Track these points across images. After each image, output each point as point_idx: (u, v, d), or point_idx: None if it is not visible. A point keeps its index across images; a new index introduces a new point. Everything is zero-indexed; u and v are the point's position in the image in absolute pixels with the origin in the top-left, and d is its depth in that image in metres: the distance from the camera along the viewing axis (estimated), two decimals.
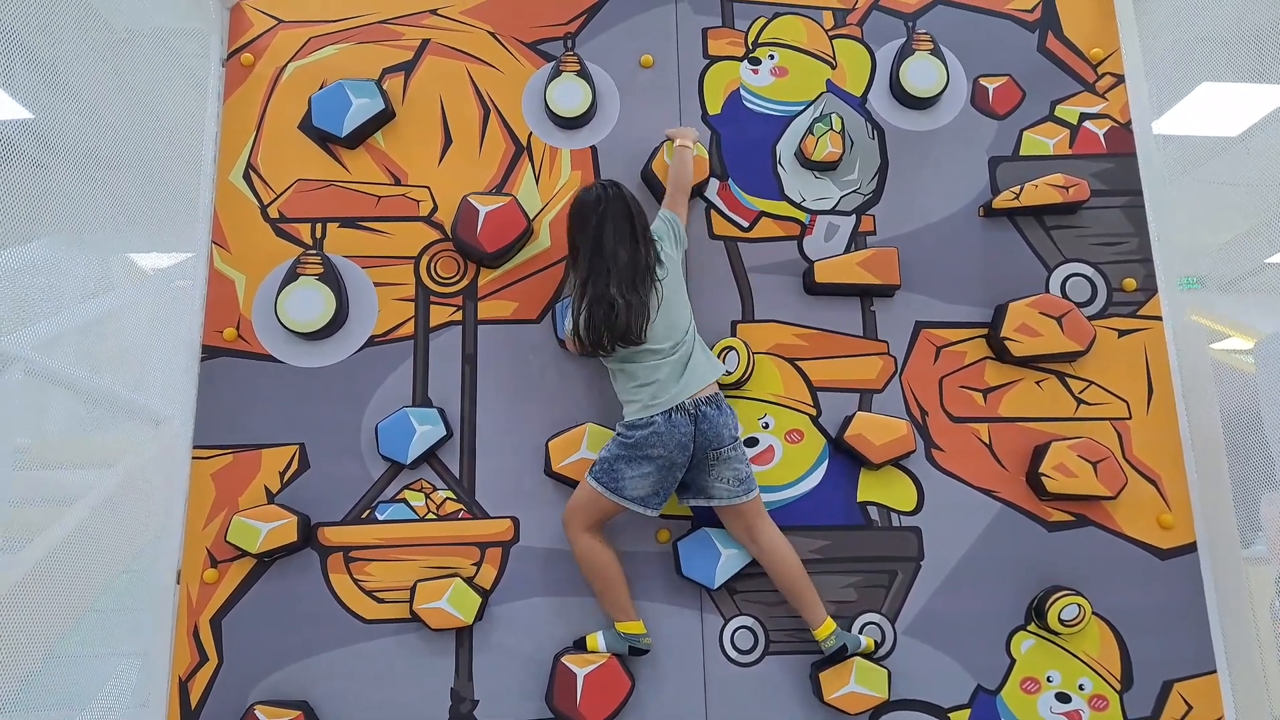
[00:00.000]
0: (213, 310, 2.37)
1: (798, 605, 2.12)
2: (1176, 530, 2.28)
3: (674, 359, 2.06)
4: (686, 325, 2.11)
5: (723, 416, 2.06)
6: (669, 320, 2.09)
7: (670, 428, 2.01)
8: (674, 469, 2.05)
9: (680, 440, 2.02)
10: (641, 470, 2.04)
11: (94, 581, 2.47)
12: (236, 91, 2.49)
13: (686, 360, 2.07)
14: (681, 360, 2.06)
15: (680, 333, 2.09)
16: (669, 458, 2.03)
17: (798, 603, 2.12)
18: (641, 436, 2.03)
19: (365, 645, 2.19)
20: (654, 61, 2.53)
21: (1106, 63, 2.54)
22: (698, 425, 2.03)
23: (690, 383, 2.05)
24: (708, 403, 2.05)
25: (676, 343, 2.08)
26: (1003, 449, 2.33)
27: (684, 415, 2.02)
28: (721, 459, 2.06)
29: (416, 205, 2.44)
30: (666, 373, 2.05)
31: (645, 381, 2.06)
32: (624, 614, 2.12)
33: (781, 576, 2.12)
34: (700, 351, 2.12)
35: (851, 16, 2.59)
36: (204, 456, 2.28)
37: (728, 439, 2.06)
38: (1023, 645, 2.22)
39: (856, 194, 2.47)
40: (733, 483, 2.08)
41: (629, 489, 2.04)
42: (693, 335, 2.12)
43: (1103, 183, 2.47)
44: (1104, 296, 2.41)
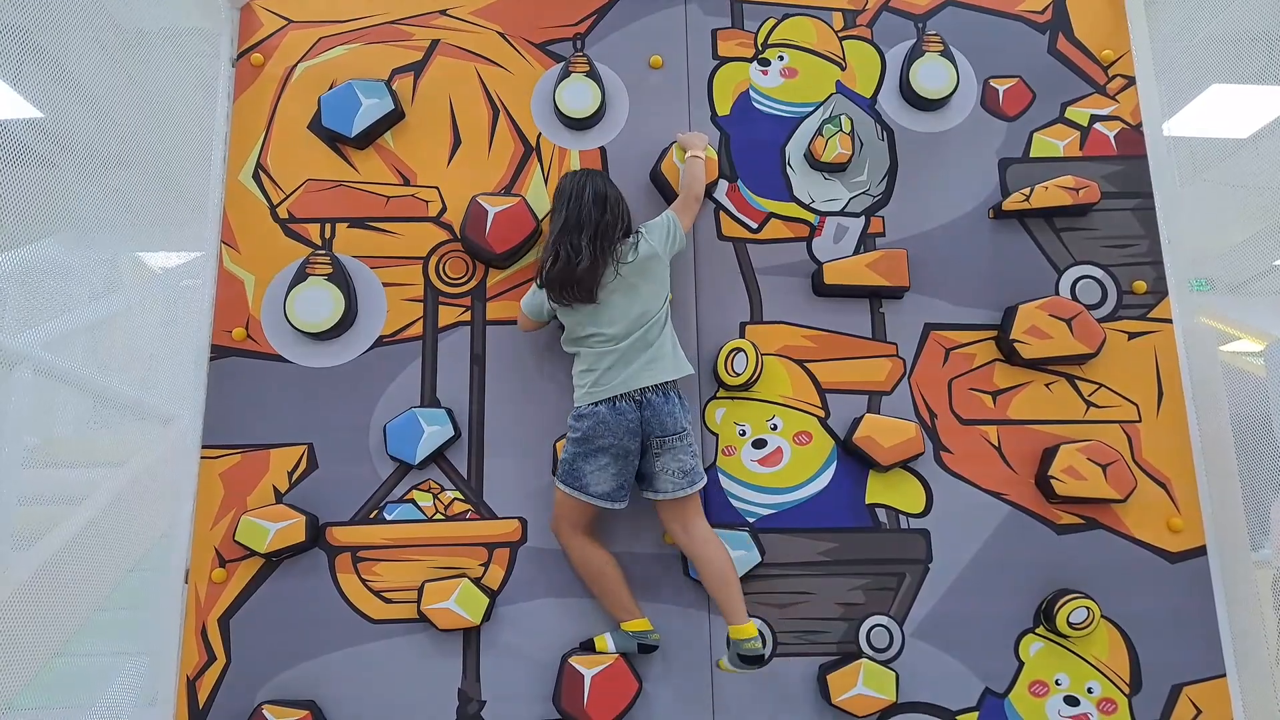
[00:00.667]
0: (222, 310, 2.37)
1: (724, 601, 2.04)
2: (1186, 534, 2.27)
3: (623, 348, 2.05)
4: (647, 322, 2.08)
5: (669, 405, 2.06)
6: (628, 309, 2.08)
7: (615, 415, 2.03)
8: (629, 457, 2.06)
9: (627, 426, 2.03)
10: (599, 463, 2.05)
11: (102, 580, 2.47)
12: (246, 91, 2.49)
13: (643, 352, 2.06)
14: (634, 352, 2.06)
15: (637, 326, 2.07)
16: (621, 445, 2.04)
17: (725, 599, 2.04)
18: (588, 427, 2.04)
19: (373, 645, 2.19)
20: (663, 62, 2.53)
21: (1117, 64, 2.54)
22: (643, 412, 2.04)
23: (640, 375, 2.05)
24: (654, 390, 2.05)
25: (632, 334, 2.06)
26: (1012, 451, 2.32)
27: (629, 402, 2.04)
28: (666, 448, 2.06)
29: (425, 206, 2.44)
30: (612, 361, 2.05)
31: (590, 367, 2.09)
32: (627, 613, 2.12)
33: (714, 573, 2.06)
34: (667, 348, 2.10)
35: (861, 18, 2.58)
36: (212, 456, 2.29)
37: (672, 428, 2.05)
38: (1031, 648, 2.21)
39: (866, 195, 2.47)
40: (677, 474, 2.07)
41: (592, 485, 2.06)
42: (658, 332, 2.10)
43: (1113, 185, 2.46)
44: (1114, 299, 2.41)
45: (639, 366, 2.05)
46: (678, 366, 2.11)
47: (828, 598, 2.23)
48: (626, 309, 2.08)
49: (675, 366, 2.11)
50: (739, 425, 2.32)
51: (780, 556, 2.24)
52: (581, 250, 2.05)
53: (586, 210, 2.10)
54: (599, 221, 2.10)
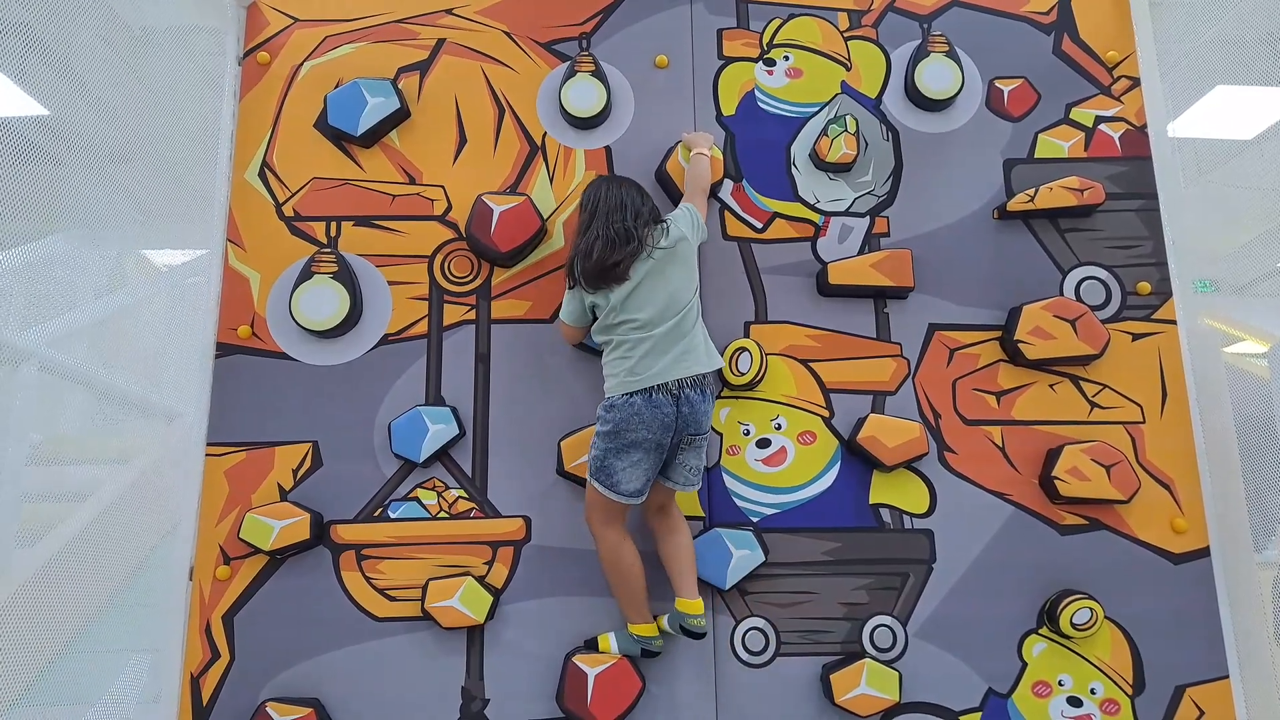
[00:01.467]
0: (227, 308, 2.37)
1: (684, 576, 2.08)
2: (1189, 535, 2.27)
3: (657, 335, 2.02)
4: (681, 308, 2.06)
5: (705, 403, 2.04)
6: (659, 295, 2.06)
7: (651, 408, 1.99)
8: (660, 452, 2.04)
9: (663, 420, 1.99)
10: (631, 459, 2.01)
11: (107, 577, 2.47)
12: (252, 90, 2.50)
13: (678, 342, 2.04)
14: (669, 340, 2.03)
15: (671, 313, 2.04)
16: (654, 439, 2.01)
17: (685, 574, 2.08)
18: (620, 419, 2.00)
19: (377, 643, 2.20)
20: (669, 62, 2.53)
21: (1122, 65, 2.54)
22: (679, 408, 2.01)
23: (677, 366, 2.02)
24: (692, 386, 2.02)
25: (666, 321, 2.04)
26: (1015, 452, 2.32)
27: (666, 395, 2.00)
28: (693, 446, 2.07)
29: (431, 204, 2.44)
30: (648, 349, 2.02)
31: (625, 355, 2.05)
32: (639, 615, 2.11)
33: (684, 551, 2.10)
34: (699, 340, 2.09)
35: (867, 18, 2.58)
36: (217, 454, 2.29)
37: (704, 427, 2.06)
38: (1034, 649, 2.21)
39: (870, 195, 2.47)
40: (694, 471, 2.09)
41: (624, 484, 2.02)
42: (692, 322, 2.08)
43: (1118, 186, 2.46)
44: (1118, 300, 2.41)
45: (675, 356, 2.02)
46: (711, 359, 2.10)
47: (831, 597, 2.23)
48: (657, 294, 2.06)
49: (710, 358, 2.09)
50: (743, 425, 2.32)
51: (784, 556, 2.24)
52: (618, 231, 2.05)
53: (619, 197, 2.12)
54: (635, 206, 2.12)
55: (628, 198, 2.13)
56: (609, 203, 2.11)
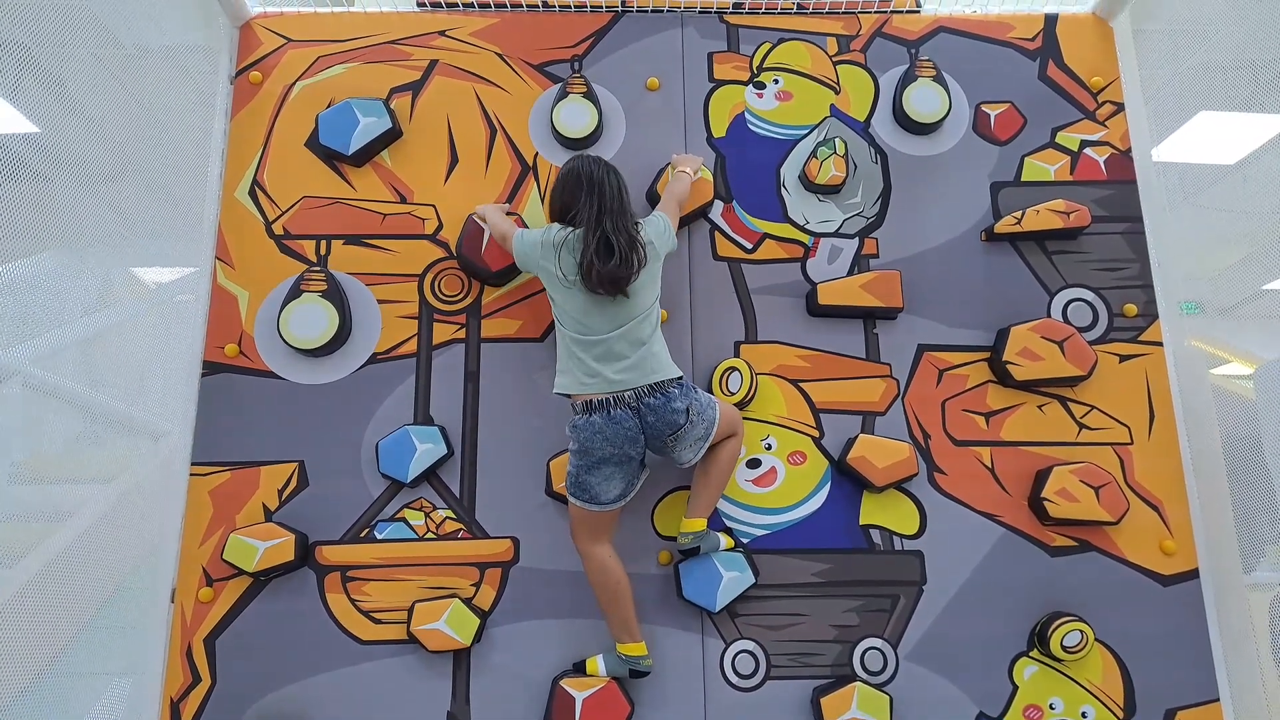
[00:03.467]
0: (215, 326, 2.36)
1: (696, 494, 2.14)
2: (1179, 556, 2.27)
3: (611, 339, 1.99)
4: (636, 315, 2.02)
5: (670, 403, 1.99)
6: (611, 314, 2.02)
7: (613, 425, 1.98)
8: (630, 462, 2.05)
9: (626, 435, 1.98)
10: (604, 474, 2.02)
11: (88, 599, 2.43)
12: (244, 109, 2.50)
13: (635, 349, 2.00)
14: (624, 346, 1.99)
15: (626, 318, 2.01)
16: (621, 453, 2.01)
17: (698, 493, 2.13)
18: (586, 438, 2.00)
19: (361, 667, 2.16)
20: (660, 84, 2.55)
21: (1106, 91, 2.58)
22: (643, 419, 1.99)
23: (633, 373, 1.99)
24: (650, 394, 1.99)
25: (620, 326, 2.00)
26: (1005, 473, 2.32)
27: (625, 409, 1.98)
28: (679, 437, 2.04)
29: (422, 223, 2.44)
30: (600, 353, 2.00)
31: (578, 355, 2.02)
32: (628, 634, 2.10)
33: (705, 472, 2.13)
34: (658, 348, 2.05)
35: (855, 43, 2.62)
36: (202, 473, 2.27)
37: (680, 420, 2.01)
38: (1025, 672, 2.20)
39: (860, 217, 2.49)
40: (695, 442, 2.07)
41: (602, 495, 2.03)
42: (650, 330, 2.04)
43: (1103, 209, 2.49)
44: (1105, 321, 2.42)
45: (632, 363, 1.99)
46: (668, 367, 2.05)
47: (822, 620, 2.22)
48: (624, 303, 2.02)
49: (667, 366, 2.05)
50: None
51: (774, 578, 2.23)
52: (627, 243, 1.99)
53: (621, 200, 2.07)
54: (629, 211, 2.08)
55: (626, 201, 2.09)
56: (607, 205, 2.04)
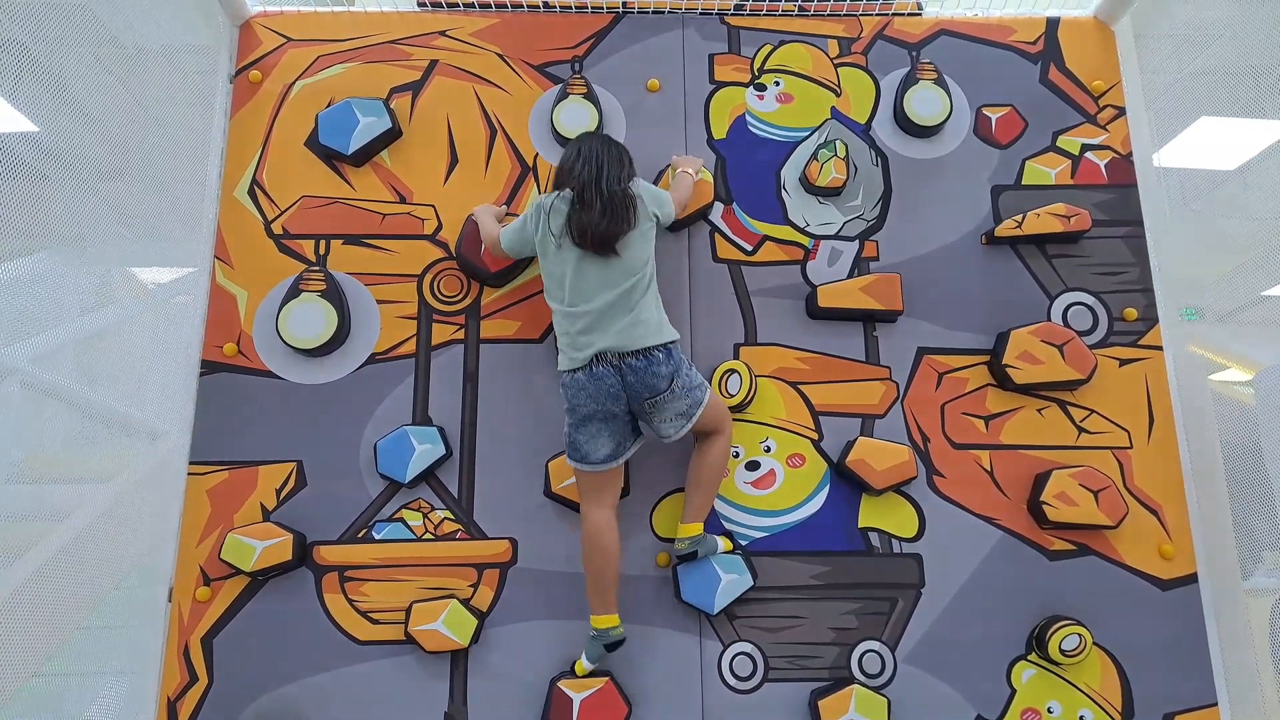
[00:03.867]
0: (213, 325, 2.36)
1: (690, 499, 2.16)
2: (1177, 561, 2.27)
3: (596, 308, 2.00)
4: (626, 280, 2.02)
5: (652, 365, 2.00)
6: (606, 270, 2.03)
7: (594, 381, 2.00)
8: (615, 419, 2.06)
9: (608, 391, 2.01)
10: (590, 431, 2.05)
11: (85, 599, 2.43)
12: (244, 108, 2.50)
13: (623, 315, 2.00)
14: (612, 314, 2.00)
15: (615, 284, 2.02)
16: (605, 409, 2.03)
17: (691, 497, 2.15)
18: (571, 394, 2.04)
19: (359, 667, 2.16)
20: (660, 86, 2.55)
21: (1108, 95, 2.57)
22: (624, 378, 2.00)
23: (621, 338, 2.00)
24: (634, 355, 2.00)
25: (605, 295, 2.01)
26: (1004, 476, 2.32)
27: (606, 366, 2.00)
28: (658, 405, 2.05)
29: (421, 223, 2.44)
30: (586, 324, 2.01)
31: (567, 330, 2.06)
32: (601, 604, 2.08)
33: (697, 477, 2.15)
34: (650, 313, 2.05)
35: (856, 45, 2.61)
36: (200, 472, 2.26)
37: (660, 387, 2.02)
38: (1023, 675, 2.20)
39: (860, 220, 2.48)
40: (676, 418, 2.07)
41: (591, 454, 2.05)
42: (640, 294, 2.04)
43: (1104, 213, 2.48)
44: (1105, 325, 2.42)
45: (619, 329, 2.00)
46: (660, 332, 2.05)
47: (820, 622, 2.22)
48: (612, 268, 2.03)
49: (658, 332, 2.05)
50: (733, 447, 2.31)
51: (772, 580, 2.23)
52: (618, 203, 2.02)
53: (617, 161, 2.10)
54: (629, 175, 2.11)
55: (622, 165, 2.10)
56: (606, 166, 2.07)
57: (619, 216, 2.01)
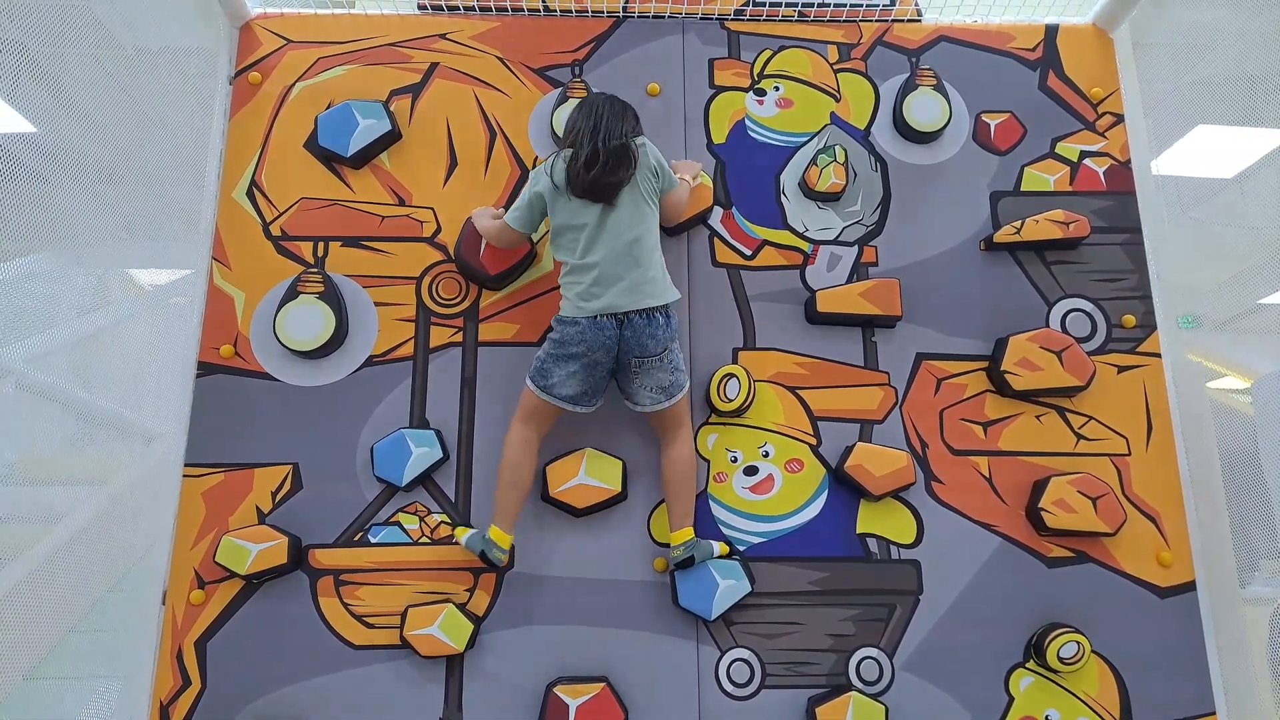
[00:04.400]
0: (210, 327, 2.34)
1: (670, 506, 2.17)
2: (1176, 568, 2.26)
3: (605, 262, 2.06)
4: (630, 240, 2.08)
5: (651, 327, 2.07)
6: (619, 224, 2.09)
7: (595, 329, 2.06)
8: (598, 368, 2.10)
9: (604, 342, 2.06)
10: (568, 369, 2.09)
11: (78, 602, 2.42)
12: (243, 109, 2.49)
13: (630, 271, 2.07)
14: (621, 268, 2.06)
15: (620, 239, 2.08)
16: (592, 356, 2.07)
17: (671, 504, 2.17)
18: (568, 334, 2.08)
19: (353, 672, 2.14)
20: (660, 90, 2.55)
21: (1106, 102, 2.58)
22: (623, 331, 2.06)
23: (627, 296, 2.06)
24: (639, 312, 2.06)
25: (616, 249, 2.07)
26: (1002, 483, 2.32)
27: (610, 319, 2.06)
28: (644, 368, 2.09)
29: (420, 226, 2.43)
30: (596, 276, 2.06)
31: (576, 280, 2.10)
32: (503, 521, 2.11)
33: (669, 481, 2.17)
34: (655, 272, 2.11)
35: (856, 51, 2.62)
36: (195, 475, 2.25)
37: (653, 350, 2.08)
38: (1021, 683, 2.19)
39: (859, 225, 2.48)
40: (655, 390, 2.12)
41: (558, 388, 2.10)
42: (647, 252, 2.10)
43: (1102, 220, 2.49)
44: (1104, 332, 2.42)
45: (627, 285, 2.06)
46: (666, 291, 2.12)
47: (817, 628, 2.21)
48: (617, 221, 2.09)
49: (664, 291, 2.11)
50: (731, 452, 2.31)
51: (770, 586, 2.22)
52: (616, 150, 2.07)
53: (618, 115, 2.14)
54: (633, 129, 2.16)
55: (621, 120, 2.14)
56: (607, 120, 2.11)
57: (615, 166, 2.07)
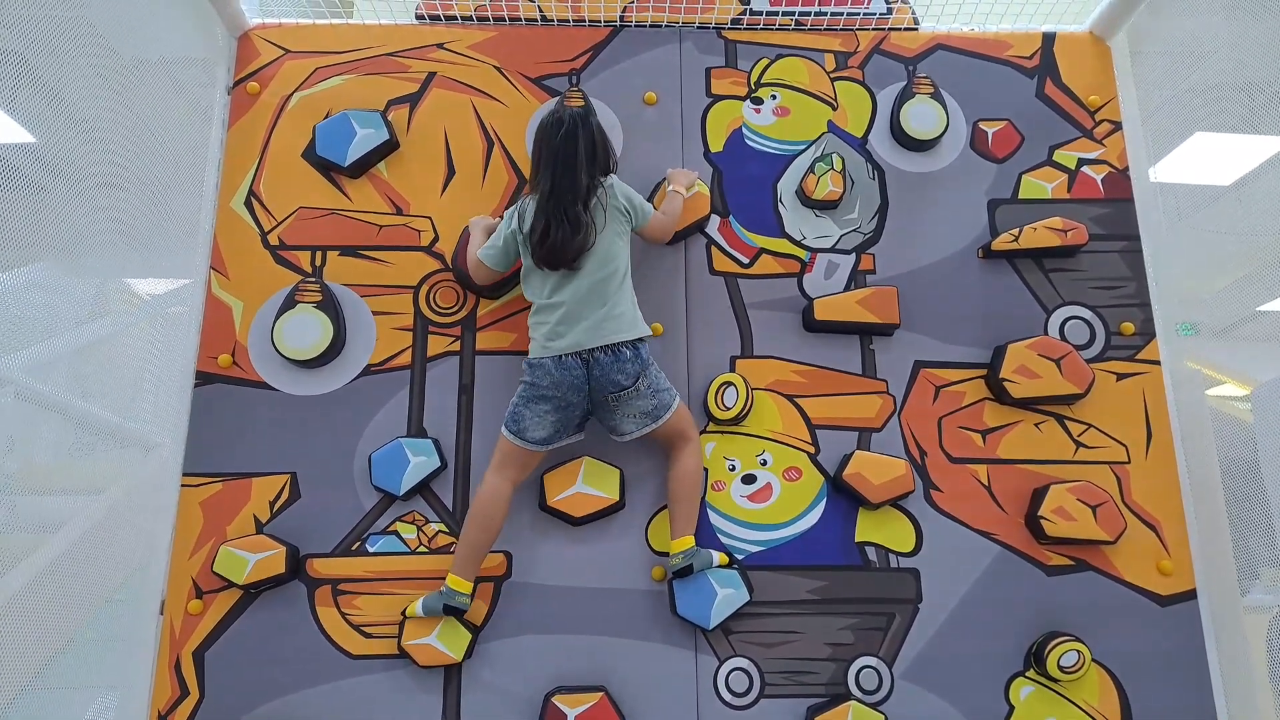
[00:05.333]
0: (208, 336, 2.35)
1: (672, 514, 2.17)
2: (1176, 577, 2.26)
3: (570, 302, 2.06)
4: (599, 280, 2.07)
5: (619, 362, 2.05)
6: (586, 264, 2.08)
7: (561, 370, 2.05)
8: (570, 409, 2.10)
9: (572, 381, 2.05)
10: (540, 410, 2.08)
11: (75, 611, 2.41)
12: (241, 119, 2.50)
13: (596, 309, 2.06)
14: (586, 307, 2.06)
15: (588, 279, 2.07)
16: (562, 398, 2.07)
17: (673, 512, 2.17)
18: (535, 375, 2.08)
19: (351, 681, 2.14)
20: (658, 99, 2.55)
21: (1104, 110, 2.58)
22: (590, 370, 2.05)
23: (593, 334, 2.05)
24: (603, 349, 2.05)
25: (583, 288, 2.07)
26: (1001, 491, 2.31)
27: (575, 359, 2.05)
28: (621, 400, 2.09)
29: (418, 235, 2.44)
30: (561, 315, 2.07)
31: (542, 321, 2.10)
32: (466, 569, 2.10)
33: (673, 491, 2.17)
34: (624, 308, 2.10)
35: (853, 59, 2.62)
36: (193, 484, 2.25)
37: (624, 383, 2.07)
38: (1022, 692, 2.18)
39: (856, 233, 2.49)
40: (639, 417, 2.13)
41: (529, 431, 2.09)
42: (615, 289, 2.09)
43: (1100, 227, 2.49)
44: (1102, 340, 2.42)
45: (591, 324, 2.05)
46: (634, 326, 2.10)
47: (816, 637, 2.20)
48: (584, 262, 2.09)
49: (631, 326, 2.10)
50: (729, 460, 2.31)
51: (769, 594, 2.21)
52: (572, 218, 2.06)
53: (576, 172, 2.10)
54: (589, 185, 2.11)
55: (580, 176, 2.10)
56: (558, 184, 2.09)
57: (570, 237, 2.06)
